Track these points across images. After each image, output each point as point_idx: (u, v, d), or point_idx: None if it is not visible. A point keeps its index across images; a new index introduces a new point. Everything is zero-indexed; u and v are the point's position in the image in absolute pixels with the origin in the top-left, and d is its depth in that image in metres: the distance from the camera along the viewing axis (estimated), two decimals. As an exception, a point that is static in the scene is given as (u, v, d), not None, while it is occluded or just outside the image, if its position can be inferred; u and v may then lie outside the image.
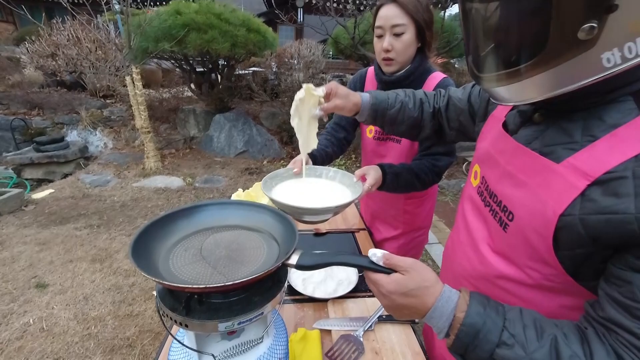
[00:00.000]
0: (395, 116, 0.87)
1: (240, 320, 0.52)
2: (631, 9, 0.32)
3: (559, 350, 0.40)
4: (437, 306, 0.47)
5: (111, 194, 3.81)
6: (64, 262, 2.57)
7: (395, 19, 0.98)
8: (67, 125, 5.03)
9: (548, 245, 0.44)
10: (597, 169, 0.39)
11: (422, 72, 1.09)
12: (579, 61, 0.36)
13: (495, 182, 0.57)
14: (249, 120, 5.26)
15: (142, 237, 0.56)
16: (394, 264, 0.50)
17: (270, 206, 0.72)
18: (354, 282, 1.10)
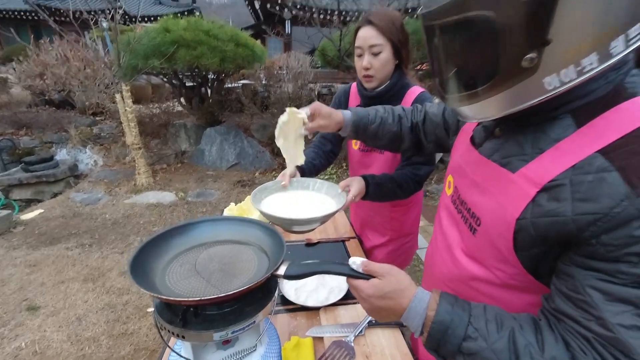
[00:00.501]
0: (376, 131, 0.93)
1: (233, 329, 0.55)
2: (562, 42, 0.37)
3: (515, 340, 0.45)
4: (411, 307, 0.52)
5: (102, 212, 3.79)
6: (56, 283, 2.54)
7: (372, 40, 1.06)
8: (56, 144, 5.01)
9: (509, 246, 0.49)
10: (544, 177, 0.45)
11: (401, 87, 1.16)
12: (525, 85, 0.42)
13: (464, 190, 0.62)
14: (239, 132, 5.31)
15: (140, 255, 0.60)
16: (372, 270, 0.56)
17: (260, 220, 0.76)
18: (345, 290, 1.14)
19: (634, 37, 0.36)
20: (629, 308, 0.38)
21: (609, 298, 0.40)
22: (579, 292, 0.42)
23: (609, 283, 0.40)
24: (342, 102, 1.35)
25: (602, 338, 0.40)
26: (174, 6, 14.14)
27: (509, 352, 0.45)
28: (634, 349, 0.38)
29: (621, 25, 0.36)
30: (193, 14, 12.52)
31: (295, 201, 0.98)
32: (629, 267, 0.38)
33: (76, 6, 3.91)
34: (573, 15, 0.35)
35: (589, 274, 0.41)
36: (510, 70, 0.41)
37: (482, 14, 0.39)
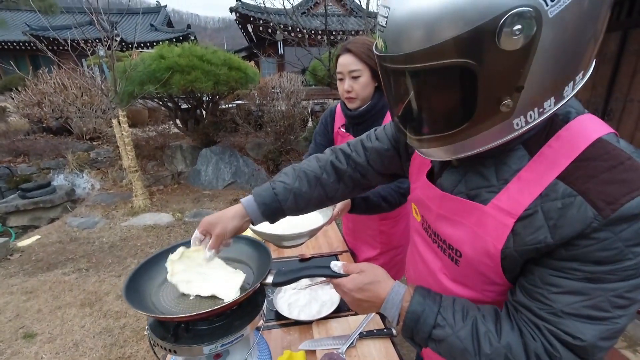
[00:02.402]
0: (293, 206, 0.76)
1: (222, 342, 0.60)
2: (532, 88, 0.40)
3: (477, 328, 0.50)
4: (389, 298, 0.57)
5: (99, 236, 3.80)
6: (52, 309, 2.53)
7: (351, 66, 1.15)
8: (54, 170, 5.05)
9: (498, 272, 0.52)
10: (517, 208, 0.47)
11: (382, 107, 1.23)
12: (498, 127, 0.44)
13: (433, 222, 0.62)
14: (235, 152, 5.39)
15: (133, 279, 0.65)
16: (351, 269, 0.63)
17: (247, 236, 0.81)
18: (337, 303, 1.17)
19: (577, 82, 0.42)
20: (577, 299, 0.44)
21: (561, 290, 0.45)
22: (536, 286, 0.47)
23: (563, 278, 0.44)
24: (329, 123, 1.43)
25: (551, 324, 0.46)
26: (169, 32, 14.53)
27: (472, 338, 0.50)
28: (580, 332, 0.43)
29: (571, 73, 0.41)
30: (188, 39, 12.88)
31: (286, 219, 1.02)
32: (580, 265, 0.43)
33: (73, 36, 4.05)
34: (542, 65, 0.39)
35: (547, 271, 0.46)
36: (487, 115, 0.43)
37: (466, 62, 0.39)
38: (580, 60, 0.41)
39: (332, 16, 11.12)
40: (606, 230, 0.41)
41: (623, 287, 0.42)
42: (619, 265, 0.41)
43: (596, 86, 3.35)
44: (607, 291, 0.42)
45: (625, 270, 0.41)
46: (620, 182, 0.41)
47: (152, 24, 14.99)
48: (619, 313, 0.43)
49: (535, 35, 0.36)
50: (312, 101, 6.93)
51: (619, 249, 0.41)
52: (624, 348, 1.90)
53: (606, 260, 0.41)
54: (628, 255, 0.41)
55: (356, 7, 12.14)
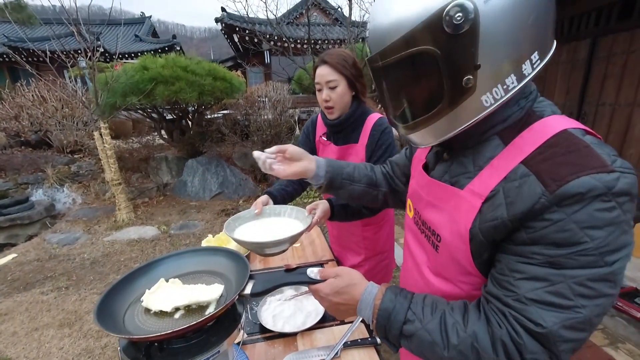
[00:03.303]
0: (352, 173, 0.90)
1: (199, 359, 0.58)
2: (489, 66, 0.46)
3: (445, 320, 0.51)
4: (362, 299, 0.59)
5: (81, 252, 3.67)
6: (29, 331, 2.42)
7: (328, 76, 1.18)
8: (32, 185, 4.88)
9: (468, 257, 0.54)
10: (485, 190, 0.51)
11: (360, 115, 1.26)
12: (467, 105, 0.49)
13: (423, 211, 0.67)
14: (222, 162, 5.34)
15: (106, 301, 0.63)
16: (327, 274, 0.64)
17: (223, 247, 0.80)
18: (321, 313, 1.16)
19: (535, 61, 0.48)
20: (540, 285, 0.45)
21: (525, 276, 0.46)
22: (504, 274, 0.49)
23: (526, 264, 0.46)
24: (310, 132, 1.47)
25: (516, 311, 0.47)
26: (154, 42, 14.43)
27: (440, 330, 0.51)
28: (541, 319, 0.44)
29: (525, 52, 0.47)
30: (173, 49, 12.81)
31: (267, 227, 1.04)
32: (541, 249, 0.45)
33: (52, 47, 3.97)
34: (491, 45, 0.45)
35: (512, 258, 0.48)
36: (454, 92, 0.49)
37: (427, 49, 0.47)
38: (529, 40, 0.46)
39: (316, 26, 11.30)
40: (559, 212, 0.43)
41: (584, 275, 0.43)
42: (577, 249, 0.42)
43: (570, 91, 3.49)
44: (568, 278, 0.43)
45: (584, 255, 0.42)
46: (571, 164, 0.43)
47: (136, 35, 14.86)
48: (582, 302, 0.43)
49: (475, 20, 0.44)
50: (298, 109, 6.96)
51: (573, 230, 0.42)
52: (606, 345, 1.94)
53: (563, 242, 0.43)
54: (584, 238, 0.42)
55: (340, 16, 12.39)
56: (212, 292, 0.66)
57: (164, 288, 0.69)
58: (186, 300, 0.64)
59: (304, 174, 0.82)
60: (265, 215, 1.10)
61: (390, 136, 1.25)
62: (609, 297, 0.43)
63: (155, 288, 0.68)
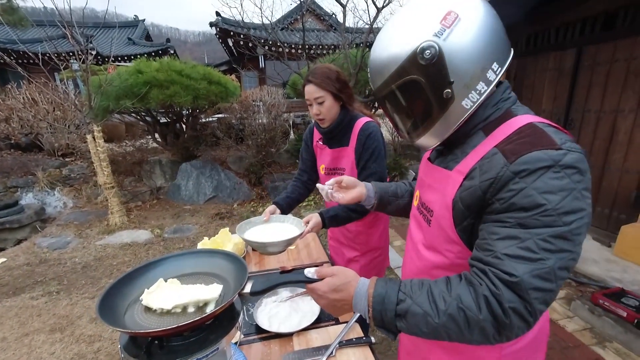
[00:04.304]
0: (396, 191, 1.06)
1: (197, 357, 0.60)
2: (460, 79, 0.60)
3: (431, 291, 0.58)
4: (356, 292, 0.64)
5: (72, 256, 3.62)
6: (19, 336, 2.38)
7: (314, 94, 1.32)
8: (22, 189, 4.81)
9: (451, 223, 0.66)
10: (466, 168, 0.64)
11: (349, 121, 1.40)
12: (452, 111, 0.63)
13: (423, 194, 0.79)
14: (216, 166, 5.33)
15: (107, 297, 0.64)
16: (324, 273, 0.69)
17: (221, 249, 0.82)
18: (317, 313, 1.18)
19: (497, 69, 0.61)
20: (513, 242, 0.53)
21: (500, 237, 0.55)
22: (484, 238, 0.58)
23: (501, 227, 0.56)
24: (309, 138, 1.61)
25: (494, 267, 0.54)
26: (147, 46, 14.37)
27: (429, 300, 0.57)
28: (514, 269, 0.52)
29: (487, 65, 0.60)
30: (167, 53, 12.78)
31: (271, 231, 1.30)
32: (512, 214, 0.55)
33: (44, 49, 3.94)
34: (457, 65, 0.60)
35: (490, 224, 0.58)
36: (440, 103, 0.63)
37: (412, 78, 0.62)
38: (486, 56, 0.60)
39: (311, 31, 11.40)
40: (520, 182, 0.54)
41: (547, 232, 0.52)
42: (538, 210, 0.52)
43: (557, 98, 3.59)
44: (534, 235, 0.52)
45: (545, 216, 0.52)
46: (528, 143, 0.56)
47: (130, 38, 14.79)
48: (546, 255, 0.51)
49: (440, 52, 0.59)
50: (293, 114, 7.00)
51: (534, 195, 0.52)
52: (594, 344, 1.99)
53: (528, 205, 0.53)
54: (542, 201, 0.52)
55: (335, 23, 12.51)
56: (211, 292, 0.67)
57: (163, 288, 0.70)
58: (186, 299, 0.66)
59: (359, 198, 1.00)
60: (272, 222, 1.37)
61: (376, 140, 1.36)
62: (569, 252, 0.52)
63: (155, 288, 0.70)
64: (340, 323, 1.18)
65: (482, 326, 0.53)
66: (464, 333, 0.55)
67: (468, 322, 0.54)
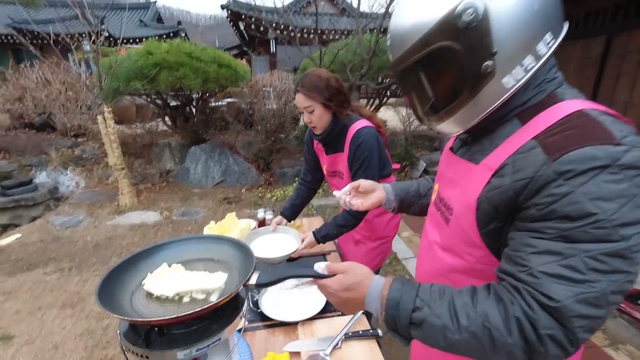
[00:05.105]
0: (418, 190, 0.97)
1: (198, 347, 0.57)
2: (504, 50, 0.50)
3: (454, 302, 0.50)
4: (370, 292, 0.58)
5: (83, 235, 3.70)
6: (32, 310, 2.45)
7: (303, 103, 1.29)
8: (36, 167, 4.90)
9: (474, 226, 0.56)
10: (496, 163, 0.54)
11: (341, 128, 1.37)
12: (489, 88, 0.52)
13: (443, 189, 0.71)
14: (225, 150, 5.32)
15: (107, 282, 0.62)
16: (335, 269, 0.63)
17: (228, 236, 0.79)
18: (323, 303, 1.16)
19: (549, 41, 0.51)
20: (553, 258, 0.45)
21: (537, 251, 0.46)
22: (517, 250, 0.49)
23: (539, 239, 0.47)
24: (309, 141, 1.60)
25: (529, 286, 0.46)
26: (159, 28, 14.24)
27: (449, 313, 0.50)
28: (554, 292, 0.43)
29: (538, 35, 0.50)
30: (178, 35, 12.66)
31: (275, 242, 1.46)
32: (553, 223, 0.45)
33: (57, 30, 3.92)
34: (503, 32, 0.49)
35: (524, 234, 0.49)
36: (475, 80, 0.52)
37: (446, 44, 0.51)
38: (539, 23, 0.49)
39: (323, 15, 11.10)
40: (565, 185, 0.44)
41: (597, 249, 0.42)
42: (588, 220, 0.42)
43: (583, 88, 3.40)
44: (581, 252, 0.43)
45: (597, 228, 0.42)
46: (577, 136, 0.45)
47: (141, 20, 14.68)
48: (595, 277, 0.42)
49: (485, 13, 0.48)
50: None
51: (582, 202, 0.43)
52: (607, 346, 1.93)
53: (574, 214, 0.43)
54: (594, 209, 0.42)
55: (348, 7, 12.13)
56: (215, 280, 0.65)
57: (166, 273, 0.68)
58: (189, 287, 0.63)
59: (378, 203, 0.92)
60: (278, 232, 1.51)
61: (366, 150, 1.33)
62: (625, 274, 0.43)
63: (158, 272, 0.67)
64: (346, 314, 1.15)
65: (510, 350, 0.46)
66: (488, 353, 0.48)
67: (494, 343, 0.47)
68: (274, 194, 4.67)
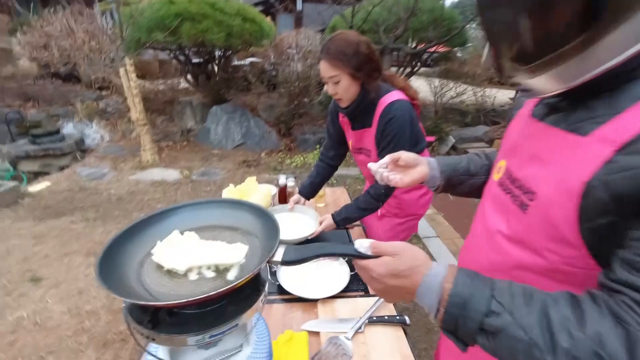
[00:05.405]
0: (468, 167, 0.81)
1: (212, 333, 0.49)
2: None
3: (548, 314, 0.38)
4: (425, 280, 0.46)
5: (107, 187, 3.79)
6: (59, 255, 2.56)
7: (328, 72, 1.11)
8: (63, 118, 4.98)
9: (571, 218, 0.43)
10: (623, 136, 0.39)
11: (369, 103, 1.19)
12: (623, 30, 0.36)
13: (519, 167, 0.56)
14: (246, 111, 5.19)
15: (111, 251, 0.53)
16: (383, 250, 0.51)
17: (249, 202, 0.68)
18: (346, 280, 1.07)
19: None
20: None
21: None
22: None
23: None
24: (334, 113, 1.43)
25: None
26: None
27: (541, 327, 0.38)
28: None
29: None
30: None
31: (293, 222, 1.43)
32: None
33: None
34: None
35: None
36: (609, 11, 0.36)
37: None
38: None
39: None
40: None
41: None
42: None
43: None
44: None
45: None
46: None
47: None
48: None
49: None
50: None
51: None
52: None
53: None
54: None
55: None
56: (234, 253, 0.55)
57: (178, 241, 0.58)
58: (204, 260, 0.53)
59: (421, 179, 0.77)
60: (296, 211, 1.47)
61: (396, 126, 1.16)
62: None
63: (169, 240, 0.58)
64: (370, 295, 1.07)
65: None
66: None
67: None
68: (293, 160, 4.57)
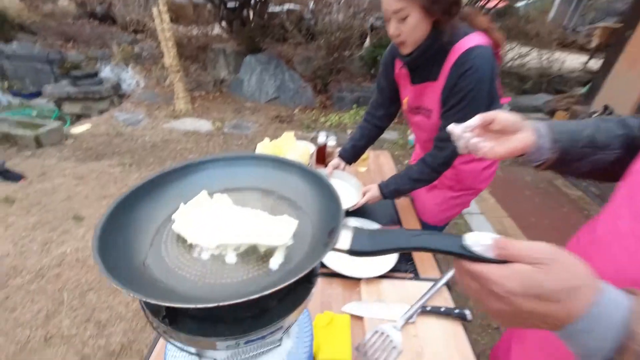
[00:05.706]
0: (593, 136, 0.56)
1: (249, 338, 0.35)
2: None
3: None
4: (594, 313, 0.29)
5: (142, 134, 3.82)
6: (98, 197, 2.64)
7: (394, 5, 0.87)
8: (101, 60, 4.97)
9: None
10: None
11: (442, 46, 0.93)
12: None
13: None
14: (281, 63, 4.89)
15: (115, 217, 0.39)
16: (515, 254, 0.30)
17: (298, 162, 0.51)
18: (393, 261, 0.93)
19: None
20: None
21: None
22: None
23: None
24: (389, 63, 1.16)
25: None
26: None
27: None
28: None
29: None
30: None
31: None
32: None
33: None
34: None
35: None
36: None
37: None
38: None
39: None
40: None
41: None
42: None
43: None
44: None
45: None
46: None
47: None
48: None
49: None
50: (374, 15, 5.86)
51: None
52: None
53: None
54: None
55: None
56: (281, 231, 0.39)
57: (206, 206, 0.44)
58: (240, 239, 0.39)
59: (523, 150, 0.55)
60: (334, 177, 1.30)
61: (474, 79, 0.89)
62: None
63: (195, 203, 0.44)
64: (421, 279, 0.92)
65: None
66: None
67: None
68: (328, 118, 4.32)
